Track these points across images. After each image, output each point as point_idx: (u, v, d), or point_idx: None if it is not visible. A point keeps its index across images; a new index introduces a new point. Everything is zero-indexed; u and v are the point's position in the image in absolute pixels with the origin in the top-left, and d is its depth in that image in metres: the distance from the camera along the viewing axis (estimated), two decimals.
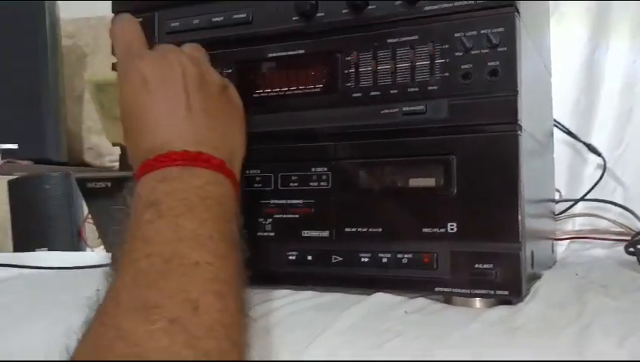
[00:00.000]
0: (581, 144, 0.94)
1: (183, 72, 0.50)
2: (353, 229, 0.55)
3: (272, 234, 0.58)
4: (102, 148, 1.39)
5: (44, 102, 1.28)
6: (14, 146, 1.18)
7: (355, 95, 0.55)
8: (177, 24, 0.63)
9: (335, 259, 0.55)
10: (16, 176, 1.01)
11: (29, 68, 1.28)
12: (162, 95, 0.48)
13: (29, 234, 1.01)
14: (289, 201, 0.57)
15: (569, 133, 0.93)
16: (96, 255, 0.94)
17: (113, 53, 0.55)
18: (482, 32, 0.51)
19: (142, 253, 0.37)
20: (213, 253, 0.39)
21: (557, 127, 0.88)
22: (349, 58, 0.56)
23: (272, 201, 0.58)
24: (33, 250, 0.97)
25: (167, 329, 0.32)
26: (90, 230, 1.11)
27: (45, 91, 1.28)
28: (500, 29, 0.50)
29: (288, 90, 0.58)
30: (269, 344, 0.44)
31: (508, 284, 0.49)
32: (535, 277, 0.57)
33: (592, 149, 0.93)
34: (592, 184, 0.92)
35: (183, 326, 0.32)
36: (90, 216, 0.93)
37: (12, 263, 0.77)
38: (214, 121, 0.49)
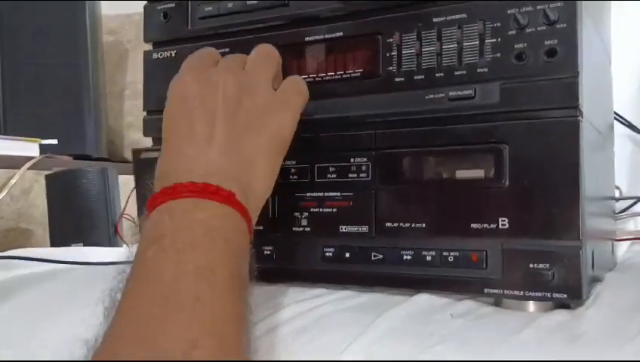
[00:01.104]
0: None
1: (223, 94, 0.46)
2: (395, 224, 0.51)
3: (307, 229, 0.55)
4: (142, 144, 1.39)
5: (85, 99, 1.28)
6: (54, 142, 1.19)
7: (397, 80, 0.52)
8: (211, 8, 0.60)
9: (375, 256, 0.52)
10: (53, 171, 1.01)
11: (69, 65, 1.29)
12: (189, 118, 0.46)
13: (66, 229, 1.01)
14: (326, 194, 0.54)
15: (630, 125, 0.87)
16: (132, 250, 0.92)
17: None
18: (539, 7, 0.46)
19: (143, 290, 0.36)
20: (216, 289, 0.37)
21: (617, 119, 0.83)
22: (390, 40, 0.52)
23: (307, 194, 0.55)
24: (69, 245, 0.96)
25: None
26: (126, 226, 1.11)
27: (85, 87, 1.29)
28: (559, 4, 0.46)
29: (326, 75, 0.55)
30: (302, 346, 0.41)
31: (566, 286, 0.45)
32: (595, 280, 0.53)
33: None
34: None
35: None
36: (127, 207, 0.92)
37: (47, 258, 0.77)
38: (237, 149, 0.46)
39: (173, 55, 0.61)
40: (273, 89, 0.49)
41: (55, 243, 1.02)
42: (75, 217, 1.01)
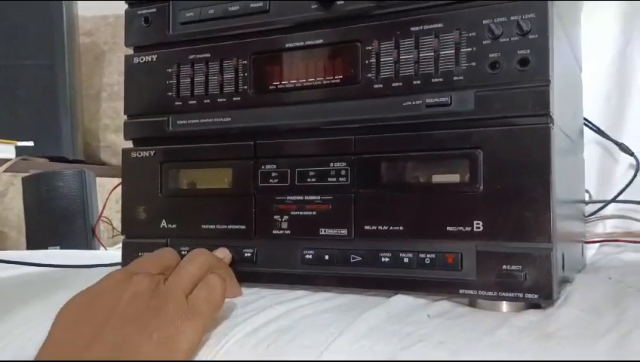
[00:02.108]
0: (612, 143, 0.90)
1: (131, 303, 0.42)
2: (373, 227, 0.52)
3: (287, 231, 0.55)
4: (118, 146, 1.38)
5: (61, 100, 1.27)
6: (30, 144, 1.18)
7: (375, 86, 0.53)
8: (192, 14, 0.61)
9: (354, 258, 0.53)
10: (30, 173, 1.00)
11: (45, 66, 1.28)
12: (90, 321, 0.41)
13: (43, 232, 0.99)
14: (306, 198, 0.55)
15: (599, 131, 0.89)
16: (109, 253, 0.92)
17: None
18: (512, 18, 0.48)
19: None
20: None
21: (587, 125, 0.85)
22: (369, 47, 0.53)
23: (288, 198, 0.56)
24: (46, 248, 0.95)
25: None
26: (104, 228, 1.10)
27: (62, 89, 1.28)
28: (531, 15, 0.47)
29: (306, 81, 0.56)
30: (283, 347, 0.41)
31: (538, 287, 0.46)
32: (565, 281, 0.54)
33: (624, 149, 0.89)
34: (624, 185, 0.88)
35: None
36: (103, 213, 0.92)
37: (24, 261, 0.76)
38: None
39: (154, 59, 0.61)
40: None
41: (32, 245, 1.01)
42: (51, 220, 0.99)
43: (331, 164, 0.54)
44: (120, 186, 0.63)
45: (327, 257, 0.54)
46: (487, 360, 0.37)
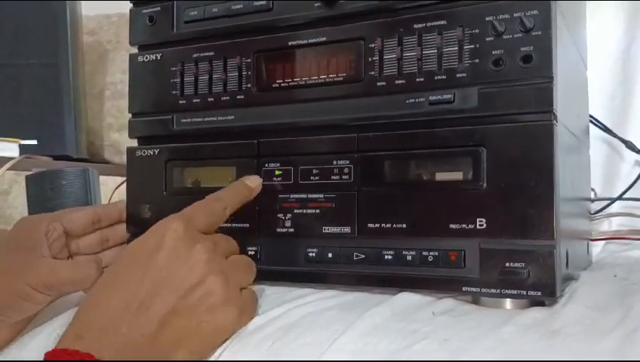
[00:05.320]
0: (618, 140, 0.90)
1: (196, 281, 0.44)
2: (376, 225, 0.52)
3: (291, 230, 0.55)
4: (121, 144, 1.38)
5: (64, 99, 1.27)
6: (34, 142, 1.18)
7: (379, 84, 0.53)
8: (196, 12, 0.61)
9: (357, 256, 0.53)
10: (33, 172, 1.00)
11: (49, 65, 1.28)
12: (152, 279, 0.43)
13: None
14: (309, 196, 0.55)
15: (605, 128, 0.89)
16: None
17: None
18: (515, 15, 0.48)
19: None
20: None
21: (592, 122, 0.84)
22: (372, 45, 0.53)
23: (291, 196, 0.56)
24: None
25: None
26: None
27: (65, 88, 1.28)
28: (534, 12, 0.47)
29: (309, 79, 0.56)
30: (287, 344, 0.42)
31: (541, 285, 0.46)
32: (570, 278, 0.54)
33: (630, 146, 0.88)
34: (630, 182, 0.88)
35: None
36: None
37: None
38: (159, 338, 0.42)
39: (158, 58, 0.62)
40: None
41: None
42: None
43: (334, 162, 0.54)
44: (123, 185, 0.63)
45: (330, 255, 0.54)
46: (493, 357, 0.37)
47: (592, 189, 0.84)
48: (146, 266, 0.43)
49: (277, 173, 0.56)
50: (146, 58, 0.62)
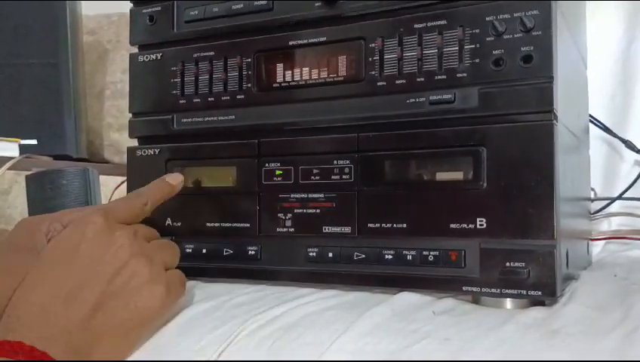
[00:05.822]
0: (617, 140, 0.90)
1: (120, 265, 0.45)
2: (377, 225, 0.52)
3: (291, 229, 0.56)
4: (121, 144, 1.38)
5: (64, 99, 1.27)
6: (33, 142, 1.18)
7: (379, 84, 0.53)
8: (196, 12, 0.61)
9: (357, 256, 0.53)
10: (33, 171, 1.00)
11: (49, 64, 1.28)
12: (79, 270, 0.44)
13: None
14: (310, 195, 0.55)
15: (605, 128, 0.89)
16: None
17: None
18: (515, 15, 0.48)
19: None
20: None
21: (592, 122, 0.84)
22: (373, 45, 0.53)
23: (292, 195, 0.56)
24: None
25: None
26: None
27: (65, 88, 1.27)
28: (535, 12, 0.47)
29: (310, 79, 0.56)
30: (287, 344, 0.42)
31: (541, 284, 0.46)
32: (570, 278, 0.54)
33: (630, 146, 0.88)
34: (630, 182, 0.88)
35: None
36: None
37: None
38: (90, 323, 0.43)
39: (159, 58, 0.62)
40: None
41: None
42: None
43: (335, 162, 0.54)
44: (123, 184, 0.63)
45: (330, 255, 0.54)
46: (493, 357, 0.37)
47: (592, 189, 0.84)
48: (70, 259, 0.44)
49: (277, 172, 0.57)
50: (147, 58, 0.62)
